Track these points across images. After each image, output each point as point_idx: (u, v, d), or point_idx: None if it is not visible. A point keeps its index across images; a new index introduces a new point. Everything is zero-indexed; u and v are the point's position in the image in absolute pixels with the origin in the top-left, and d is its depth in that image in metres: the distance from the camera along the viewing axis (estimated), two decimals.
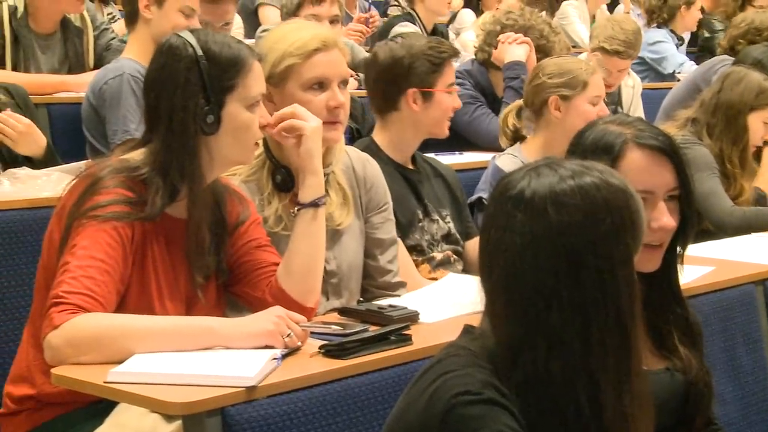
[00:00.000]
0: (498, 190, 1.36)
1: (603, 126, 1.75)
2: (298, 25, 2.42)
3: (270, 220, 2.22)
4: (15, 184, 2.68)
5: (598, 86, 3.10)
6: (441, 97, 2.75)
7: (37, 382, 1.92)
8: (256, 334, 1.82)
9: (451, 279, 2.48)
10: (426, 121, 2.75)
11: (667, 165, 1.71)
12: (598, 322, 1.29)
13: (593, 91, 3.08)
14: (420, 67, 2.72)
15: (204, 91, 1.91)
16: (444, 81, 2.76)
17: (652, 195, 1.69)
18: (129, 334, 1.78)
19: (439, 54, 2.75)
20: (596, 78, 3.10)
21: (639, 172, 1.68)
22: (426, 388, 1.31)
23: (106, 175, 1.90)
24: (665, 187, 1.71)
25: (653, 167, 1.70)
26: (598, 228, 1.31)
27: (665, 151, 1.71)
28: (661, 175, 1.71)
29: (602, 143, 1.71)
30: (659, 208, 1.70)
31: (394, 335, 1.92)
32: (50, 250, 1.93)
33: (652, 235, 1.68)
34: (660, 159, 1.71)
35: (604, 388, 1.29)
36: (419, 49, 2.74)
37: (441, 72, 2.75)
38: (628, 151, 1.71)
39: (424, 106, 2.74)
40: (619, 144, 1.70)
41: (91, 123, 3.37)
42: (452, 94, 2.80)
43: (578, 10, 6.70)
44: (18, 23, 3.71)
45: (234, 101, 1.94)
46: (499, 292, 1.33)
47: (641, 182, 1.64)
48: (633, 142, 1.71)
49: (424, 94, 2.73)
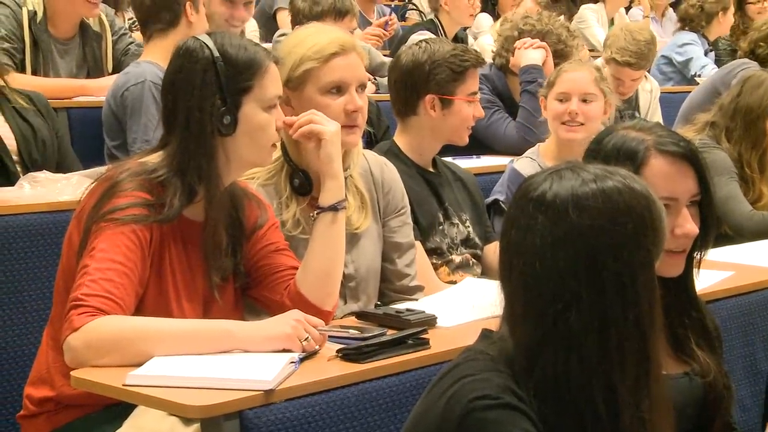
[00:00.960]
0: (520, 192, 1.36)
1: (623, 132, 1.74)
2: (316, 29, 2.42)
3: (288, 223, 2.22)
4: (35, 188, 2.69)
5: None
6: (460, 106, 2.75)
7: (57, 384, 1.93)
8: (274, 337, 1.82)
9: (469, 283, 2.47)
10: (444, 128, 2.75)
11: (689, 171, 1.71)
12: (617, 326, 1.29)
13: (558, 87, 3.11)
14: (440, 73, 2.72)
15: (221, 92, 1.92)
16: (465, 89, 2.75)
17: (676, 202, 1.69)
18: (147, 337, 1.79)
19: (462, 62, 2.74)
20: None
21: (662, 179, 1.68)
22: (444, 392, 1.31)
23: (125, 178, 1.91)
24: (688, 194, 1.70)
25: (676, 174, 1.70)
26: (619, 232, 1.30)
27: (687, 157, 1.71)
28: (684, 182, 1.70)
29: (624, 150, 1.70)
30: (683, 214, 1.69)
31: (412, 339, 1.92)
32: (69, 252, 1.94)
33: (676, 242, 1.68)
34: (682, 165, 1.71)
35: (621, 393, 1.29)
36: (441, 55, 2.73)
37: (462, 80, 2.74)
38: (652, 159, 1.70)
39: (442, 113, 2.73)
40: (642, 151, 1.69)
41: (111, 129, 3.39)
42: (473, 103, 2.79)
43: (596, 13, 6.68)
44: (37, 28, 3.74)
45: (250, 102, 1.95)
46: (519, 294, 1.33)
47: (665, 189, 1.63)
48: (655, 149, 1.71)
49: (443, 101, 2.73)
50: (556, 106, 3.13)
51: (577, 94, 3.11)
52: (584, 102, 3.11)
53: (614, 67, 4.31)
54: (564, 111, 3.11)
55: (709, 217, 1.73)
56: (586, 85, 3.12)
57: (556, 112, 3.12)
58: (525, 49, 3.85)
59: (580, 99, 3.11)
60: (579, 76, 3.14)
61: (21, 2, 3.76)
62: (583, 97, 3.11)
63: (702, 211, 1.73)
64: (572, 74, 3.15)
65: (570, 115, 3.10)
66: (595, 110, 3.12)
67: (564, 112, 3.11)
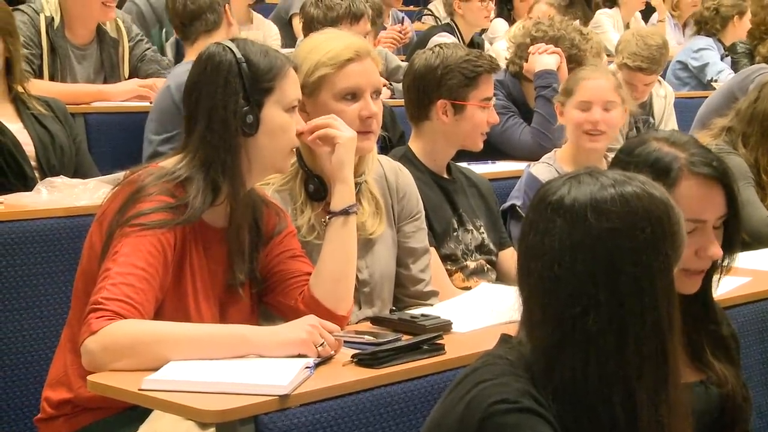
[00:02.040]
0: (538, 197, 1.37)
1: (656, 145, 1.72)
2: (332, 35, 2.42)
3: (303, 229, 2.22)
4: (52, 193, 2.71)
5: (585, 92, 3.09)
6: (473, 111, 2.74)
7: (74, 386, 1.95)
8: (290, 342, 1.83)
9: (484, 288, 2.47)
10: (457, 133, 2.75)
11: (720, 193, 1.69)
12: (635, 330, 1.29)
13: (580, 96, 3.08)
14: (452, 79, 2.71)
15: (243, 91, 1.95)
16: (478, 95, 2.74)
17: (704, 224, 1.68)
18: (164, 341, 1.80)
19: (474, 67, 2.73)
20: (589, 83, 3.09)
21: (693, 201, 1.66)
22: (462, 396, 1.31)
23: (149, 182, 1.93)
24: (716, 215, 1.69)
25: (707, 196, 1.69)
26: (638, 237, 1.30)
27: (719, 179, 1.69)
28: (713, 204, 1.69)
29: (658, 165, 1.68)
30: (709, 237, 1.68)
31: (427, 345, 1.92)
32: (90, 256, 1.95)
33: (698, 262, 1.67)
34: (714, 187, 1.69)
35: (639, 397, 1.28)
36: (454, 60, 2.73)
37: (475, 85, 2.73)
38: (684, 180, 1.68)
39: (454, 119, 2.73)
40: (675, 170, 1.68)
41: (169, 120, 3.37)
42: (487, 108, 2.77)
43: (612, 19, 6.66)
44: (54, 34, 3.77)
45: (272, 103, 1.97)
46: (537, 298, 1.33)
47: (694, 211, 1.62)
48: (688, 170, 1.69)
49: (455, 106, 2.72)
50: (577, 115, 3.08)
51: (599, 103, 3.06)
52: (606, 110, 3.07)
53: (627, 72, 4.29)
54: (586, 120, 3.05)
55: (735, 236, 1.72)
56: (608, 93, 3.08)
57: (578, 121, 3.07)
58: (539, 54, 3.84)
59: (603, 107, 3.07)
60: (600, 84, 3.09)
61: (38, 9, 3.79)
62: (605, 105, 3.07)
63: (728, 231, 1.71)
64: (593, 82, 3.09)
65: (592, 124, 3.05)
66: (616, 118, 3.08)
67: (586, 120, 3.05)
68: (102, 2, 3.78)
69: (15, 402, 2.49)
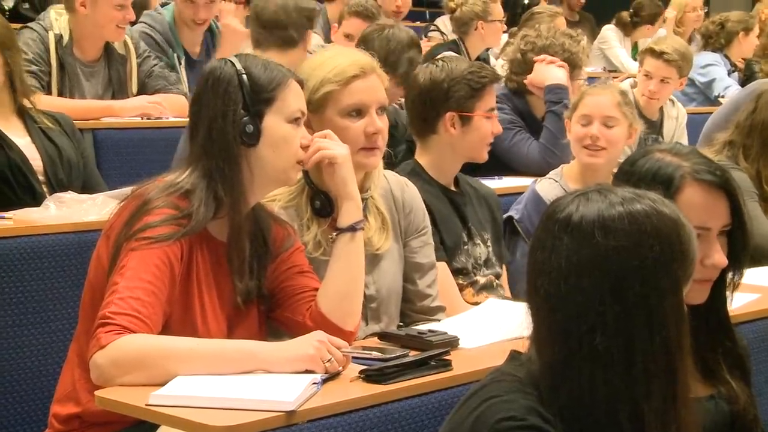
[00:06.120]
0: (546, 214, 1.36)
1: (659, 155, 1.73)
2: (337, 52, 2.43)
3: (309, 245, 2.23)
4: (60, 208, 2.71)
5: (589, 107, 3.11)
6: (480, 122, 2.75)
7: (83, 400, 1.95)
8: (297, 358, 1.83)
9: (491, 304, 2.47)
10: (464, 145, 2.75)
11: (723, 201, 1.69)
12: (644, 349, 1.28)
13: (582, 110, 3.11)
14: (459, 91, 2.72)
15: (243, 101, 1.96)
16: (483, 106, 2.76)
17: (708, 231, 1.67)
18: (172, 356, 1.80)
19: (480, 79, 2.74)
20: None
21: (696, 209, 1.66)
22: (470, 413, 1.31)
23: (154, 196, 1.94)
24: (720, 224, 1.69)
25: (710, 204, 1.69)
26: (646, 255, 1.30)
27: (723, 187, 1.69)
28: (717, 212, 1.69)
29: (660, 175, 1.68)
30: (713, 245, 1.67)
31: (434, 360, 1.92)
32: (98, 270, 1.96)
33: (703, 271, 1.66)
34: (717, 195, 1.69)
35: (648, 417, 1.28)
36: (459, 72, 2.74)
37: (480, 97, 2.74)
38: (687, 187, 1.69)
39: (462, 131, 2.74)
40: (678, 178, 1.68)
41: None
42: (492, 119, 2.79)
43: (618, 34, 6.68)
44: (63, 51, 3.79)
45: (273, 114, 1.99)
46: (544, 315, 1.32)
47: (698, 219, 1.62)
48: (691, 177, 1.69)
49: (462, 118, 2.73)
50: (578, 129, 3.11)
51: (598, 118, 3.08)
52: (606, 126, 3.08)
53: (648, 61, 4.30)
54: (585, 134, 3.08)
55: (740, 245, 1.71)
56: (608, 109, 3.09)
57: (578, 135, 3.10)
58: (546, 64, 3.82)
59: (602, 123, 3.08)
60: (601, 100, 3.11)
61: (48, 26, 3.81)
62: (604, 120, 3.08)
63: (733, 240, 1.71)
64: (594, 98, 3.12)
65: (591, 139, 3.07)
66: (617, 135, 3.08)
67: (585, 135, 3.08)
68: (117, 25, 3.80)
69: (23, 417, 2.50)
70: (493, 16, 5.08)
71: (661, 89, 4.40)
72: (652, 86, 4.34)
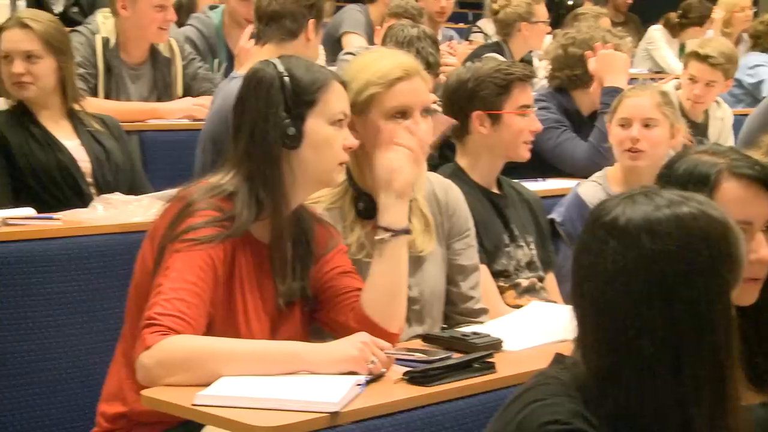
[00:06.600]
0: (592, 217, 1.35)
1: (695, 156, 1.71)
2: (381, 54, 2.44)
3: (352, 247, 2.23)
4: (108, 209, 2.75)
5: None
6: (511, 120, 2.73)
7: (129, 400, 1.97)
8: (341, 359, 1.83)
9: (535, 307, 2.45)
10: (498, 144, 2.74)
11: (764, 195, 1.67)
12: (692, 355, 1.26)
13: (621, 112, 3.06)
14: (484, 89, 2.71)
15: (285, 104, 1.97)
16: (513, 103, 2.73)
17: (750, 226, 1.65)
18: (216, 357, 1.81)
19: (506, 76, 2.73)
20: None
21: (736, 203, 1.64)
22: (514, 416, 1.30)
23: (197, 198, 1.95)
24: (763, 218, 1.66)
25: (750, 197, 1.66)
26: (694, 259, 1.28)
27: (763, 180, 1.67)
28: (758, 206, 1.66)
29: (696, 174, 1.67)
30: (757, 239, 1.65)
31: (478, 363, 1.91)
32: (142, 271, 1.98)
33: (750, 269, 1.62)
34: (757, 189, 1.67)
35: (697, 424, 1.26)
36: (485, 72, 2.73)
37: (508, 93, 2.72)
38: (724, 181, 1.67)
39: (493, 129, 2.72)
40: (714, 174, 1.66)
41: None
42: (527, 116, 2.76)
43: (665, 35, 6.61)
44: (110, 54, 3.85)
45: (315, 116, 1.99)
46: (590, 320, 1.31)
47: (738, 213, 1.58)
48: (728, 172, 1.67)
49: (491, 116, 2.72)
50: (618, 132, 3.07)
51: (638, 120, 3.04)
52: (646, 127, 3.04)
53: (693, 64, 4.25)
54: (626, 137, 3.04)
55: None
56: (647, 110, 3.05)
57: (618, 138, 3.06)
58: (604, 51, 3.76)
59: (642, 124, 3.04)
60: (640, 102, 3.07)
61: (95, 29, 3.87)
62: (644, 122, 3.04)
63: None
64: (633, 99, 3.08)
65: (631, 142, 3.03)
66: (658, 136, 3.04)
67: (626, 138, 3.04)
68: (158, 26, 3.84)
69: (71, 416, 2.54)
70: (537, 17, 5.05)
71: (707, 93, 4.34)
72: (697, 90, 4.29)
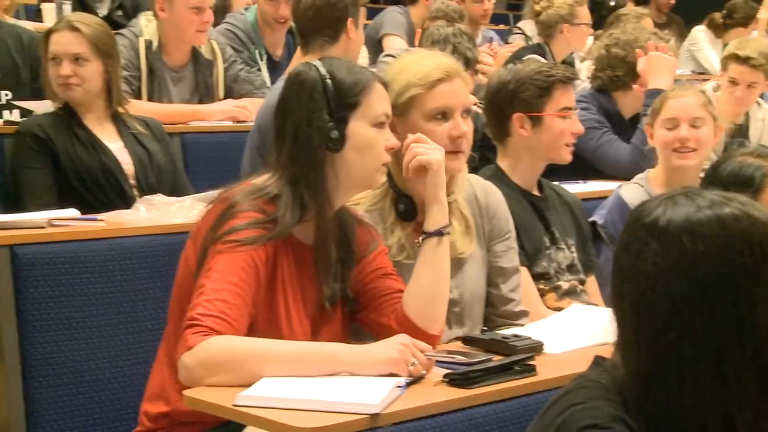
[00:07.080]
0: (632, 218, 1.34)
1: (740, 158, 1.70)
2: (421, 55, 2.44)
3: (393, 249, 2.23)
4: (150, 211, 2.78)
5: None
6: (552, 121, 2.71)
7: (172, 399, 1.99)
8: (381, 361, 1.84)
9: (576, 309, 2.44)
10: (539, 146, 2.72)
11: None
12: (734, 358, 1.24)
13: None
14: (525, 91, 2.70)
15: (328, 107, 1.97)
16: (554, 105, 2.72)
17: None
18: (258, 358, 1.83)
19: (547, 78, 2.71)
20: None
21: None
22: (553, 420, 1.29)
23: (240, 199, 1.97)
24: None
25: None
26: (736, 261, 1.26)
27: None
28: None
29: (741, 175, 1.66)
30: None
31: (519, 365, 1.91)
32: (185, 272, 2.00)
33: None
34: None
35: (739, 427, 1.24)
36: (526, 74, 2.72)
37: (549, 95, 2.70)
38: None
39: (533, 131, 2.71)
40: (759, 177, 1.65)
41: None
42: (568, 118, 2.75)
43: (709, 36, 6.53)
44: (153, 56, 3.89)
45: (358, 118, 1.99)
46: (630, 322, 1.30)
47: None
48: None
49: (531, 118, 2.71)
50: (664, 134, 3.05)
51: (686, 120, 3.03)
52: (694, 127, 3.03)
53: (733, 66, 4.19)
54: (674, 138, 3.03)
55: None
56: (694, 110, 3.04)
57: (665, 139, 3.05)
58: (654, 53, 3.74)
59: (690, 124, 3.03)
60: (686, 102, 3.06)
61: (138, 33, 3.92)
62: (692, 122, 3.03)
63: None
64: (679, 100, 3.07)
65: (681, 142, 3.02)
66: (705, 134, 3.04)
67: (674, 139, 3.03)
68: (196, 29, 3.88)
69: (114, 415, 2.56)
70: (579, 19, 5.01)
71: (749, 94, 4.29)
72: (739, 92, 4.23)
